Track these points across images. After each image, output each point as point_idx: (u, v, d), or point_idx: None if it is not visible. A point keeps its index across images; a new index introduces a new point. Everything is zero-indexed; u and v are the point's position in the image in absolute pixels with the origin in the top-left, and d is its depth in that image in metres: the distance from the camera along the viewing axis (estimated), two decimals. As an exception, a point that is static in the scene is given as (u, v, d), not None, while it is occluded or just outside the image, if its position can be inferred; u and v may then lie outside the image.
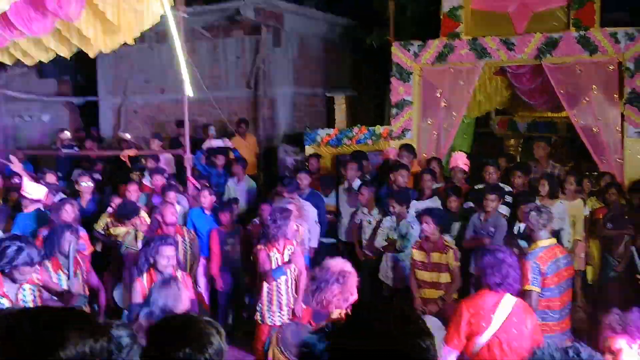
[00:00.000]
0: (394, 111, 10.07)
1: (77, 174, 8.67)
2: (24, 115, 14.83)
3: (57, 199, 7.70)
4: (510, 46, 9.28)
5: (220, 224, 7.63)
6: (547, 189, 7.46)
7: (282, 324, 5.57)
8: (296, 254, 6.20)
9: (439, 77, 9.82)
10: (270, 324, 6.05)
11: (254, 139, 11.85)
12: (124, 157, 8.88)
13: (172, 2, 6.68)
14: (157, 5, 6.35)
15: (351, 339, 1.55)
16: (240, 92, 12.66)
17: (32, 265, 4.60)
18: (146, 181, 9.16)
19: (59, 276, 5.66)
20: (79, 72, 14.77)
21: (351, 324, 1.58)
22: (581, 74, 8.97)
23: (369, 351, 1.50)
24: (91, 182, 8.45)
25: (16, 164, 8.41)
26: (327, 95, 13.10)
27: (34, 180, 8.10)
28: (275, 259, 6.07)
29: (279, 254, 6.10)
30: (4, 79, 14.18)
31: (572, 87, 9.10)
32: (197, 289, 7.21)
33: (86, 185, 8.32)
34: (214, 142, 10.73)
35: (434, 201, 7.76)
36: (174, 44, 7.57)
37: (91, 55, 6.96)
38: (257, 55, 12.32)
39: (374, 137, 10.05)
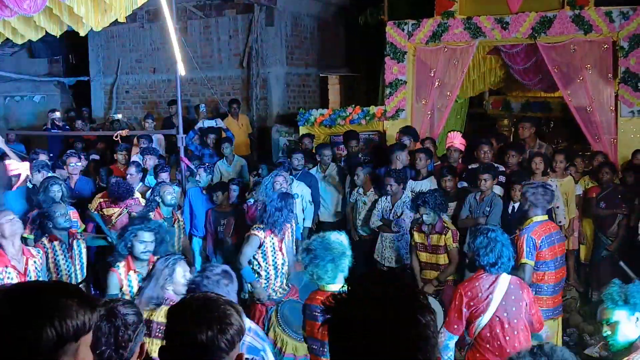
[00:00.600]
0: (388, 91, 10.02)
1: (67, 154, 8.60)
2: (15, 95, 14.73)
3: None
4: (504, 25, 9.23)
5: (215, 204, 7.60)
6: (542, 168, 7.47)
7: (278, 302, 5.55)
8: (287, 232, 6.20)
9: (433, 56, 9.77)
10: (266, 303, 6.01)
11: (247, 119, 11.78)
12: (116, 137, 8.83)
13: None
14: (148, -17, 6.28)
15: (350, 313, 1.54)
16: (232, 72, 12.58)
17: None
18: (138, 160, 9.10)
19: (55, 250, 5.68)
20: (71, 52, 14.66)
21: (350, 296, 1.57)
22: (575, 53, 8.95)
23: (368, 324, 1.50)
24: (80, 163, 8.39)
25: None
26: (321, 75, 13.03)
27: (25, 160, 8.05)
28: (272, 244, 6.00)
29: (277, 241, 6.02)
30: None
31: (566, 66, 9.08)
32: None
33: (74, 165, 8.27)
34: (206, 122, 10.66)
35: (431, 181, 7.75)
36: (166, 23, 7.51)
37: (82, 33, 6.88)
38: (249, 34, 12.23)
39: (368, 117, 10.01)
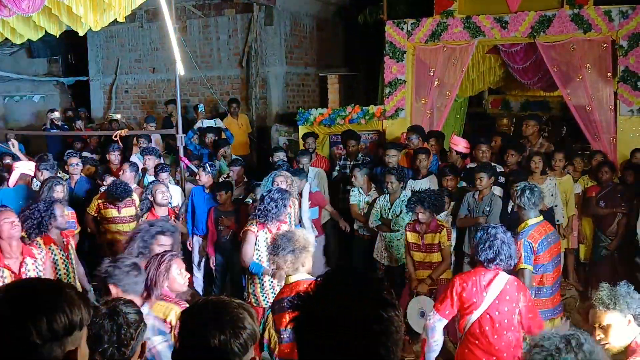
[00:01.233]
0: (387, 90, 10.01)
1: (68, 154, 8.61)
2: (14, 95, 14.72)
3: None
4: (504, 24, 9.23)
5: (217, 203, 7.60)
6: (540, 167, 7.47)
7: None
8: None
9: (432, 55, 9.75)
10: (264, 306, 5.93)
11: (247, 119, 11.77)
12: (116, 137, 8.83)
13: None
14: (147, -18, 6.27)
15: (316, 309, 1.55)
16: (232, 71, 12.58)
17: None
18: (137, 160, 9.10)
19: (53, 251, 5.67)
20: (70, 52, 14.66)
21: (316, 294, 1.58)
22: (575, 52, 8.94)
23: (333, 321, 1.51)
24: (80, 163, 8.39)
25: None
26: (320, 74, 13.02)
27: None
28: (265, 239, 5.96)
29: (270, 234, 5.96)
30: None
31: (566, 65, 9.07)
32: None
33: (75, 166, 8.26)
34: (205, 122, 10.65)
35: (430, 180, 7.75)
36: (165, 22, 7.50)
37: (80, 33, 6.87)
38: (249, 34, 12.22)
39: (367, 117, 10.00)
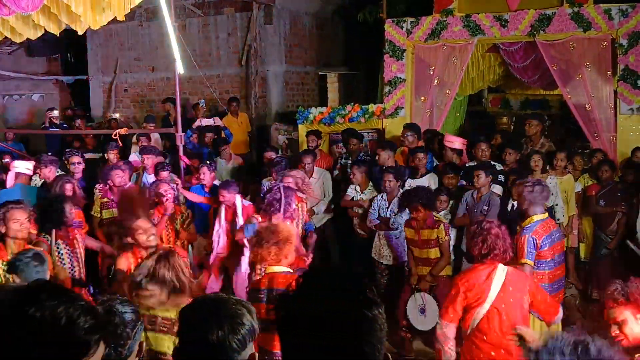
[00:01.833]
0: (387, 89, 10.00)
1: (68, 153, 8.59)
2: (13, 94, 14.71)
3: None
4: (503, 23, 9.21)
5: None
6: (541, 166, 7.47)
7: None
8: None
9: (432, 54, 9.75)
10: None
11: (246, 117, 11.77)
12: (115, 136, 8.81)
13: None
14: (146, -19, 6.26)
15: (298, 309, 1.55)
16: (231, 70, 12.57)
17: None
18: (136, 159, 9.11)
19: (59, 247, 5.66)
20: (69, 51, 14.65)
21: (298, 293, 1.58)
22: (574, 51, 8.93)
23: (315, 320, 1.50)
24: (82, 162, 8.39)
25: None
26: (320, 73, 13.02)
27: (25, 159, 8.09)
28: None
29: None
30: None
31: (566, 63, 9.06)
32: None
33: (76, 165, 8.25)
34: (205, 121, 10.64)
35: (429, 178, 7.74)
36: (165, 21, 7.49)
37: (80, 31, 6.86)
38: (248, 32, 12.21)
39: (367, 115, 9.98)
